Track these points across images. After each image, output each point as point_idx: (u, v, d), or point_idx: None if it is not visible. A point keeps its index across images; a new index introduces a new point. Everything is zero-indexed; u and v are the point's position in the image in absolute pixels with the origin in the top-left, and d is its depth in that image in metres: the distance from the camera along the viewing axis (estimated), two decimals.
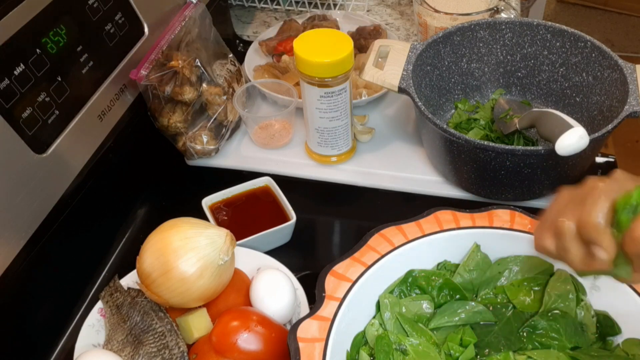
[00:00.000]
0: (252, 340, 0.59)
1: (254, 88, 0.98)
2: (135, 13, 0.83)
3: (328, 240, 0.84)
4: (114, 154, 0.80)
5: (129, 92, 0.82)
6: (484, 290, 0.65)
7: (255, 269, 0.70)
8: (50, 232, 0.69)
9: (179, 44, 0.87)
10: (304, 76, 0.79)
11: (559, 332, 0.59)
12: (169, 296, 0.62)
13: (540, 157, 0.72)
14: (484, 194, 0.82)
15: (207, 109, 0.88)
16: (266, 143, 0.92)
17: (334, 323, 0.56)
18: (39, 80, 0.67)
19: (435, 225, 0.65)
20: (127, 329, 0.64)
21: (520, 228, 0.64)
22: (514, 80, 0.94)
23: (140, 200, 0.89)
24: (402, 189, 0.86)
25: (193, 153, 0.88)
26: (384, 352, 0.58)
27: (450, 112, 0.94)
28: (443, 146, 0.78)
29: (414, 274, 0.64)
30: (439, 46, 0.87)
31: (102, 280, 0.77)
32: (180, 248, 0.61)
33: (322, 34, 0.80)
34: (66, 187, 0.71)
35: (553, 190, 0.80)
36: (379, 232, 0.64)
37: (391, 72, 0.80)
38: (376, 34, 1.05)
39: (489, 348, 0.60)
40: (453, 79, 0.92)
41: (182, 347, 0.61)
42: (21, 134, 0.64)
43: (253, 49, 1.07)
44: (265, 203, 0.81)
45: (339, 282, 0.59)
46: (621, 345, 0.60)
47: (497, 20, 0.88)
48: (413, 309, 0.63)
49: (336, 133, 0.85)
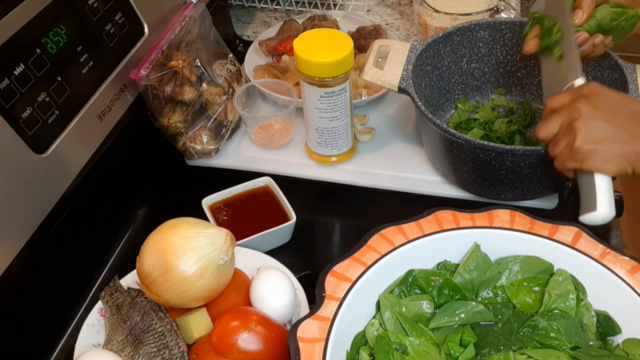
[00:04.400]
0: (252, 340, 0.59)
1: (254, 88, 0.98)
2: (135, 13, 0.83)
3: (328, 240, 0.84)
4: (114, 154, 0.80)
5: (129, 92, 0.82)
6: (484, 290, 0.65)
7: (255, 269, 0.70)
8: (50, 232, 0.69)
9: (179, 44, 0.87)
10: (304, 76, 0.79)
11: (559, 332, 0.59)
12: (169, 296, 0.62)
13: (540, 157, 0.71)
14: (484, 194, 0.82)
15: (207, 109, 0.88)
16: (266, 143, 0.92)
17: (334, 323, 0.56)
18: (39, 80, 0.67)
19: (435, 225, 0.65)
20: (127, 329, 0.64)
21: (520, 228, 0.64)
22: (514, 80, 0.94)
23: (140, 200, 0.89)
24: (402, 189, 0.86)
25: (193, 153, 0.88)
26: (384, 352, 0.58)
27: (450, 112, 0.94)
28: (443, 146, 0.78)
29: (414, 274, 0.64)
30: (439, 46, 0.87)
31: (102, 280, 0.77)
32: (180, 248, 0.61)
33: (322, 34, 0.80)
34: (66, 187, 0.71)
35: (553, 190, 0.81)
36: (379, 232, 0.64)
37: (391, 72, 0.80)
38: (376, 34, 1.05)
39: (489, 348, 0.59)
40: (453, 79, 0.92)
41: (182, 347, 0.61)
42: (21, 134, 0.64)
43: (253, 49, 1.07)
44: (265, 203, 0.81)
45: (339, 282, 0.59)
46: (621, 345, 0.60)
47: (497, 20, 0.88)
48: (413, 308, 0.63)
49: (336, 133, 0.85)
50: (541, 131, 0.65)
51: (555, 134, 0.64)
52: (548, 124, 0.65)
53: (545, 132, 0.65)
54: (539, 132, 0.65)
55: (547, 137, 0.65)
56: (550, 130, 0.64)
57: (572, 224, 0.64)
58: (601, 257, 0.62)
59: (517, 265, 0.65)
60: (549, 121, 0.65)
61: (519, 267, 0.65)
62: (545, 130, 0.65)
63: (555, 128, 0.64)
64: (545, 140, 0.66)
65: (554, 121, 0.64)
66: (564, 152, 0.63)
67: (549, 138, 0.65)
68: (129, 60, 0.81)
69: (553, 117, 0.64)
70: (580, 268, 0.63)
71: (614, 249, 0.62)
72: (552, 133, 0.64)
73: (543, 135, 0.65)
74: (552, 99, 0.66)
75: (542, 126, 0.65)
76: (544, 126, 0.65)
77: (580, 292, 0.62)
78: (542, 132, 0.65)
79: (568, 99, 0.64)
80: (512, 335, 0.60)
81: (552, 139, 0.65)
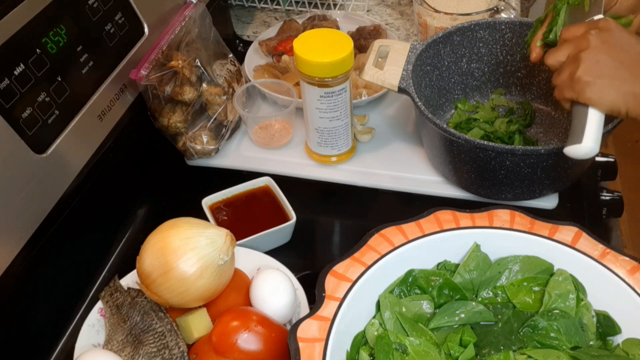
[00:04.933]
0: (252, 340, 0.59)
1: (254, 88, 0.98)
2: (135, 13, 0.83)
3: (328, 240, 0.84)
4: (114, 154, 0.79)
5: (129, 92, 0.82)
6: (484, 290, 0.65)
7: (255, 269, 0.70)
8: (50, 232, 0.69)
9: (179, 44, 0.87)
10: (304, 76, 0.79)
11: (559, 331, 0.59)
12: (169, 296, 0.62)
13: (540, 157, 0.71)
14: (484, 194, 0.82)
15: (207, 109, 0.88)
16: (266, 143, 0.92)
17: (334, 323, 0.56)
18: (39, 80, 0.67)
19: (435, 225, 0.65)
20: (127, 329, 0.64)
21: (520, 228, 0.64)
22: (514, 80, 0.94)
23: (140, 200, 0.89)
24: (402, 189, 0.86)
25: (193, 153, 0.88)
26: (383, 352, 0.58)
27: (450, 112, 0.94)
28: (443, 146, 0.78)
29: (414, 274, 0.64)
30: (439, 46, 0.87)
31: (102, 280, 0.77)
32: (180, 248, 0.61)
33: (322, 34, 0.80)
34: (66, 187, 0.71)
35: (553, 190, 0.81)
36: (379, 232, 0.64)
37: (391, 72, 0.80)
38: (376, 34, 1.05)
39: (489, 348, 0.59)
40: (453, 79, 0.92)
41: (182, 347, 0.61)
42: (21, 134, 0.64)
43: (253, 49, 1.07)
44: (265, 203, 0.81)
45: (339, 282, 0.59)
46: (621, 345, 0.60)
47: (497, 20, 0.88)
48: (413, 308, 0.63)
49: (336, 133, 0.85)
50: (549, 58, 0.66)
51: (563, 62, 0.64)
52: (557, 51, 0.65)
53: (554, 59, 0.65)
54: (547, 59, 0.66)
55: (554, 64, 0.65)
56: (558, 57, 0.65)
57: (572, 224, 0.64)
58: (601, 257, 0.62)
59: (517, 265, 0.65)
60: (558, 49, 0.65)
61: (519, 267, 0.65)
62: (554, 58, 0.65)
63: (564, 57, 0.64)
64: (552, 66, 0.66)
65: (563, 49, 0.65)
66: (565, 81, 0.63)
67: (556, 66, 0.65)
68: (129, 60, 0.81)
69: (563, 46, 0.65)
70: (580, 268, 0.63)
71: (614, 249, 0.62)
72: (559, 61, 0.65)
73: (550, 62, 0.66)
74: (567, 29, 0.66)
75: (552, 53, 0.66)
76: (553, 53, 0.65)
77: (580, 292, 0.62)
78: (550, 59, 0.66)
79: (582, 30, 0.64)
80: (512, 335, 0.60)
81: (558, 67, 0.65)
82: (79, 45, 0.73)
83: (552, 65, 0.66)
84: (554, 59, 0.65)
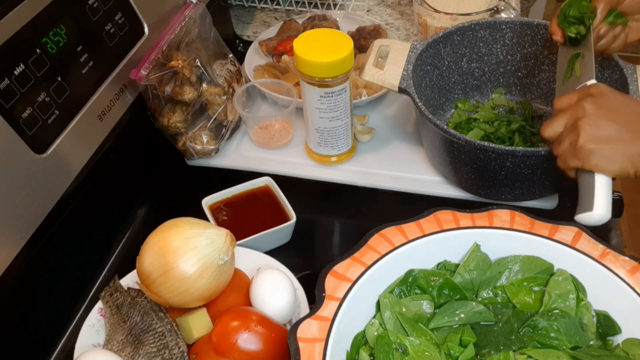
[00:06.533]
0: (252, 340, 0.59)
1: (254, 88, 0.98)
2: (135, 13, 0.83)
3: (328, 240, 0.84)
4: (114, 154, 0.79)
5: (129, 92, 0.82)
6: (484, 290, 0.65)
7: (255, 269, 0.70)
8: (50, 232, 0.69)
9: (179, 44, 0.87)
10: (304, 76, 0.79)
11: (559, 331, 0.59)
12: (169, 296, 0.62)
13: (540, 158, 0.71)
14: (484, 194, 0.82)
15: (207, 109, 0.88)
16: (266, 143, 0.92)
17: (334, 323, 0.56)
18: (39, 80, 0.67)
19: (435, 225, 0.65)
20: (127, 329, 0.64)
21: (520, 228, 0.64)
22: (514, 80, 0.94)
23: (140, 200, 0.89)
24: (402, 189, 0.86)
25: (193, 153, 0.88)
26: (383, 352, 0.58)
27: (450, 112, 0.94)
28: (443, 146, 0.78)
29: (414, 274, 0.64)
30: (439, 46, 0.87)
31: (102, 280, 0.77)
32: (180, 248, 0.61)
33: (322, 34, 0.80)
34: (66, 187, 0.71)
35: (553, 190, 0.81)
36: (379, 232, 0.64)
37: (391, 72, 0.80)
38: (376, 34, 1.05)
39: (489, 348, 0.59)
40: (453, 79, 0.92)
41: (182, 347, 0.61)
42: (21, 134, 0.64)
43: (253, 49, 1.07)
44: (265, 203, 0.81)
45: (339, 282, 0.59)
46: (621, 345, 0.60)
47: (497, 20, 0.88)
48: (413, 308, 0.63)
49: (336, 133, 0.85)
50: (546, 130, 0.65)
51: (560, 133, 0.64)
52: (553, 123, 0.65)
53: (551, 131, 0.65)
54: (544, 131, 0.66)
55: (552, 136, 0.65)
56: (555, 129, 0.65)
57: (572, 224, 0.64)
58: (601, 257, 0.62)
59: (517, 265, 0.65)
60: (554, 120, 0.65)
61: (519, 267, 0.65)
62: (551, 129, 0.65)
63: (561, 127, 0.64)
64: (550, 139, 0.66)
65: (559, 120, 0.64)
66: (567, 150, 0.63)
67: (554, 137, 0.65)
68: (129, 60, 0.81)
69: (559, 116, 0.65)
70: (580, 268, 0.63)
71: (614, 249, 0.62)
72: (557, 132, 0.65)
73: (548, 134, 0.65)
74: (559, 99, 0.66)
75: (548, 125, 0.65)
76: (549, 125, 0.65)
77: (580, 292, 0.62)
78: (547, 131, 0.65)
79: (575, 98, 0.64)
80: (512, 335, 0.60)
81: (557, 138, 0.65)
82: (79, 45, 0.73)
83: (550, 137, 0.65)
84: (552, 131, 0.65)
